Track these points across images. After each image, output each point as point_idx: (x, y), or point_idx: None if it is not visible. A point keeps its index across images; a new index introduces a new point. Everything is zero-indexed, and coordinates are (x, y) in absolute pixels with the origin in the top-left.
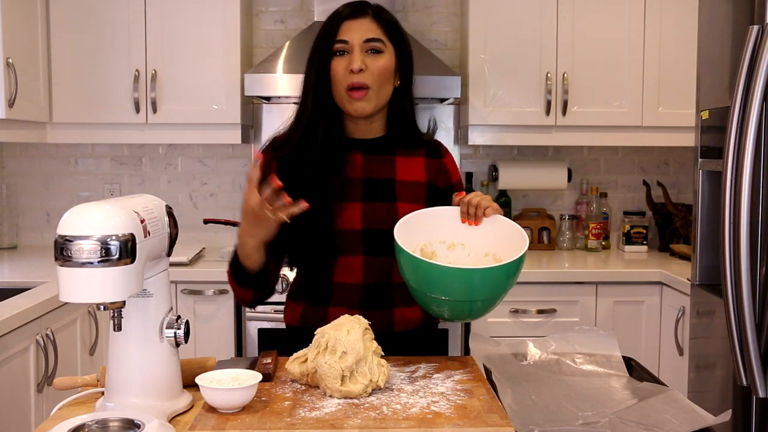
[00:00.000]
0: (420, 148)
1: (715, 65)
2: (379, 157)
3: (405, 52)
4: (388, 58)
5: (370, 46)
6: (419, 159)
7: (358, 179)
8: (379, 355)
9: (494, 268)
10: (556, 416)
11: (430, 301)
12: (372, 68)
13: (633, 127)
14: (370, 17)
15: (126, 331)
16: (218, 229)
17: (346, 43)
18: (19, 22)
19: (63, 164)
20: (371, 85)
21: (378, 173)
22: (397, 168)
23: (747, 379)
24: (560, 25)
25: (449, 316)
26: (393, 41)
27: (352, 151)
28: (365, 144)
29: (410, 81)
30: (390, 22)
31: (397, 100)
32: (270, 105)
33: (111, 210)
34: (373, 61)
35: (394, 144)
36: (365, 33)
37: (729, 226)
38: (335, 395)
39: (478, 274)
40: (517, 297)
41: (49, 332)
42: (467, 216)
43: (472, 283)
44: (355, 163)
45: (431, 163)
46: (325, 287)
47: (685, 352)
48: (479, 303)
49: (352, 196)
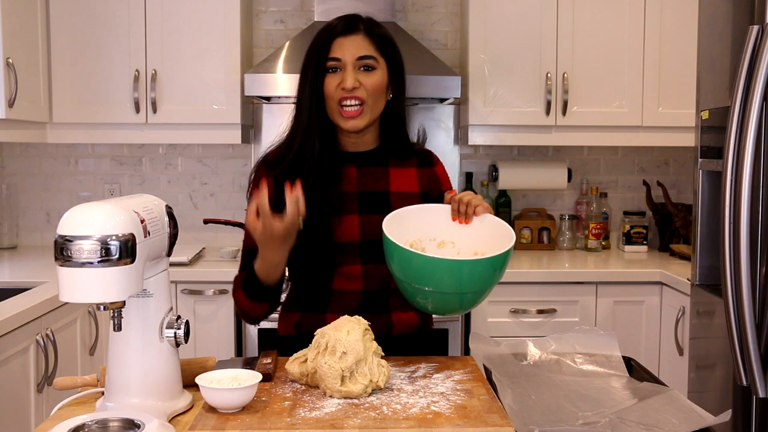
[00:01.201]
0: (412, 158)
1: (715, 65)
2: (372, 169)
3: (396, 65)
4: (380, 74)
5: (363, 63)
6: (412, 169)
7: (354, 192)
8: (380, 355)
9: (482, 260)
10: (556, 416)
11: (415, 292)
12: (366, 85)
13: (633, 127)
14: (362, 34)
15: (126, 331)
16: (218, 229)
17: (339, 61)
18: (19, 22)
19: (63, 164)
20: (366, 100)
21: (373, 185)
22: (391, 179)
23: (747, 379)
24: (560, 24)
25: (433, 308)
26: (385, 56)
27: (347, 165)
28: (358, 157)
29: (402, 93)
30: (383, 36)
31: (389, 113)
32: (270, 105)
33: (111, 210)
34: (366, 77)
35: (386, 155)
36: (358, 50)
37: (729, 226)
38: (335, 395)
39: (467, 265)
40: (517, 297)
41: (49, 332)
42: (458, 214)
43: (461, 274)
44: (350, 177)
45: (423, 173)
46: (324, 295)
47: (685, 352)
48: (469, 296)
49: (348, 209)
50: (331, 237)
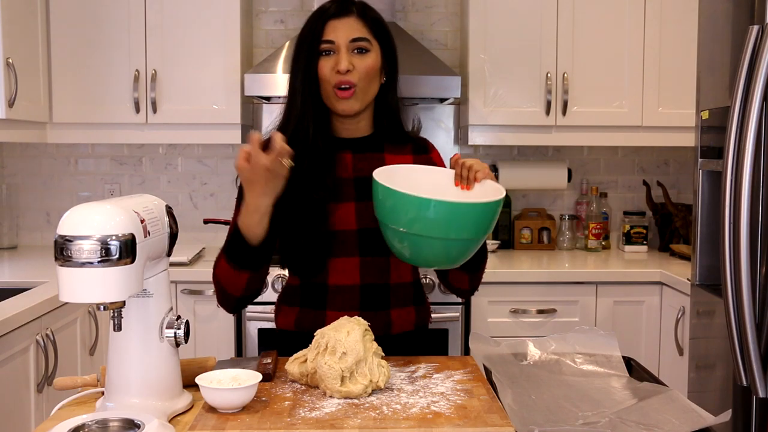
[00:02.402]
0: (407, 144)
1: (715, 65)
2: (368, 155)
3: (390, 48)
4: (374, 56)
5: (357, 45)
6: (407, 156)
7: (350, 179)
8: (380, 355)
9: (454, 204)
10: (556, 416)
11: (393, 235)
12: (359, 67)
13: (633, 127)
14: (355, 16)
15: (126, 331)
16: (218, 229)
17: (332, 43)
18: (19, 22)
19: (63, 164)
20: (358, 83)
21: (368, 171)
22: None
23: (747, 379)
24: (560, 24)
25: (410, 256)
26: (378, 39)
27: (341, 151)
28: (353, 143)
29: (395, 77)
30: (375, 19)
31: (383, 97)
32: (270, 105)
33: (111, 210)
34: (359, 60)
35: (381, 141)
36: (351, 32)
37: (729, 226)
38: (335, 396)
39: (438, 206)
40: (517, 297)
41: (49, 332)
42: (460, 179)
43: (429, 214)
44: (345, 163)
45: (419, 160)
46: (321, 290)
47: (685, 352)
48: (441, 243)
49: (344, 195)
50: (326, 225)
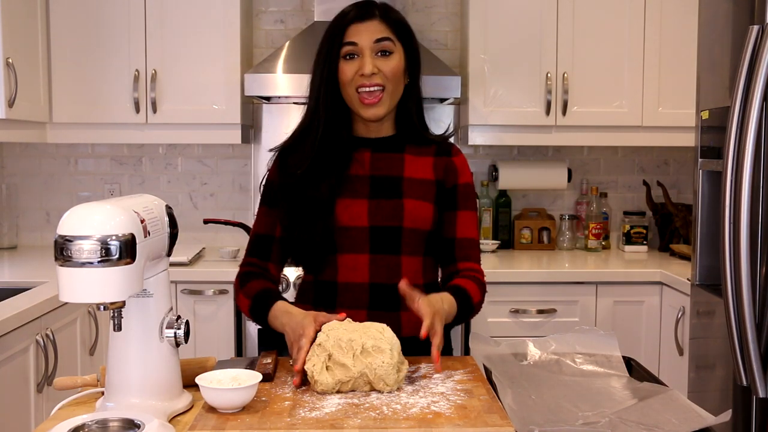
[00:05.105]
0: (430, 146)
1: (715, 65)
2: (387, 154)
3: (413, 49)
4: (398, 58)
5: (381, 47)
6: (428, 158)
7: (366, 176)
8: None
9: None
10: (556, 416)
11: None
12: (384, 70)
13: (633, 127)
14: (378, 19)
15: (126, 331)
16: (218, 229)
17: (356, 46)
18: (19, 22)
19: (63, 164)
20: (385, 86)
21: (386, 170)
22: (406, 165)
23: (747, 379)
24: (560, 24)
25: None
26: (402, 40)
27: (361, 149)
28: (374, 142)
29: (418, 78)
30: (398, 21)
31: (405, 98)
32: (270, 105)
33: (111, 210)
34: (384, 63)
35: (403, 142)
36: (374, 34)
37: (729, 226)
38: (392, 389)
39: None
40: (517, 297)
41: (49, 332)
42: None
43: None
44: (363, 161)
45: (440, 161)
46: (331, 288)
47: (685, 352)
48: None
49: (358, 193)
50: (332, 221)
